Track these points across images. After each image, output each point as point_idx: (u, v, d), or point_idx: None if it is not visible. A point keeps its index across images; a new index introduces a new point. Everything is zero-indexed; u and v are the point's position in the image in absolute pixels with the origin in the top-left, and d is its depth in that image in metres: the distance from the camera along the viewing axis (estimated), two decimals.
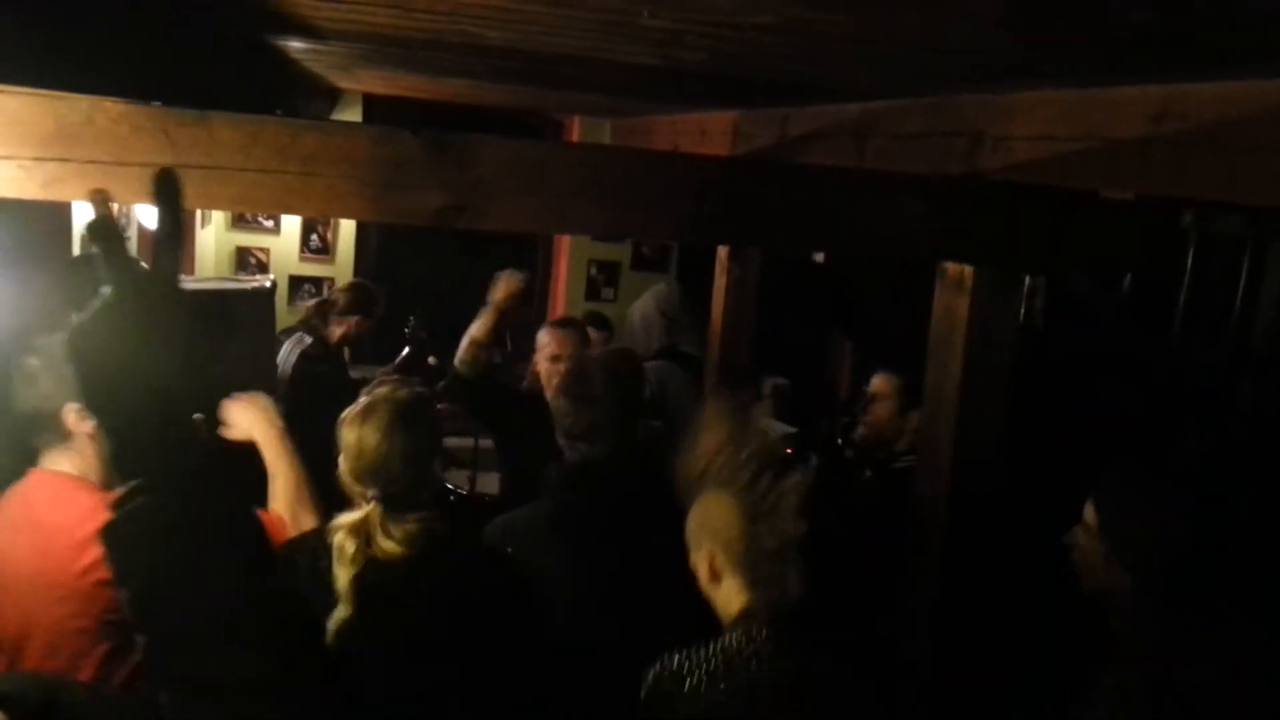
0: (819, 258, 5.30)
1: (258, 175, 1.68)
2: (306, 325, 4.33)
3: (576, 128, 6.00)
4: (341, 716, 1.46)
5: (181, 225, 0.97)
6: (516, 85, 3.69)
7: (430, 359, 4.93)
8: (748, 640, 1.65)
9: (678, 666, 1.67)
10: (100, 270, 0.90)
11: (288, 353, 4.16)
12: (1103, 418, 3.49)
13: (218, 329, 4.12)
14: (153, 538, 0.93)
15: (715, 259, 3.36)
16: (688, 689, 1.65)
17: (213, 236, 5.58)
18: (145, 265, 0.99)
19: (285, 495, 2.14)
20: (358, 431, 1.92)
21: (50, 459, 2.02)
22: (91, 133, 1.62)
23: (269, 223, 5.74)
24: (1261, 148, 1.57)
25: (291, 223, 5.79)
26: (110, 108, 1.63)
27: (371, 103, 5.67)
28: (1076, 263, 2.60)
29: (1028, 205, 2.06)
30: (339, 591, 1.82)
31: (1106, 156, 1.88)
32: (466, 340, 3.13)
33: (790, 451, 4.24)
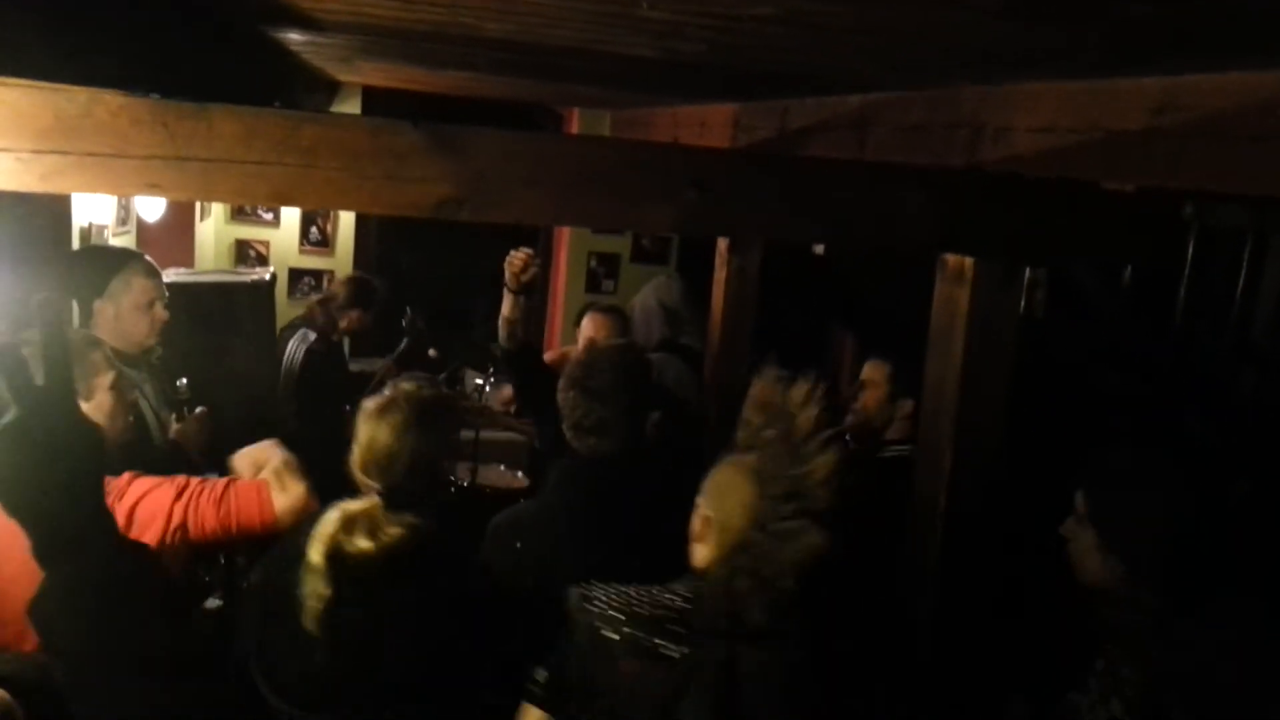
0: (819, 250, 5.29)
1: (257, 167, 1.68)
2: (310, 321, 4.32)
3: (576, 120, 5.98)
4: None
5: (68, 349, 0.99)
6: (516, 77, 3.68)
7: (430, 351, 4.93)
8: (679, 605, 1.66)
9: (609, 596, 1.70)
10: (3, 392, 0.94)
11: (294, 349, 4.17)
12: (1104, 410, 3.49)
13: (218, 322, 4.13)
14: (78, 613, 0.99)
15: (715, 251, 3.36)
16: (600, 611, 1.67)
17: (212, 229, 5.58)
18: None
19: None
20: (373, 426, 1.93)
21: None
22: (90, 125, 1.61)
23: (268, 215, 5.74)
24: (1263, 138, 1.57)
25: (291, 215, 5.78)
26: (109, 100, 1.62)
27: (371, 95, 5.66)
28: (1077, 254, 2.60)
29: (1028, 197, 2.05)
30: (312, 567, 1.75)
31: (1107, 148, 1.87)
32: (500, 321, 3.24)
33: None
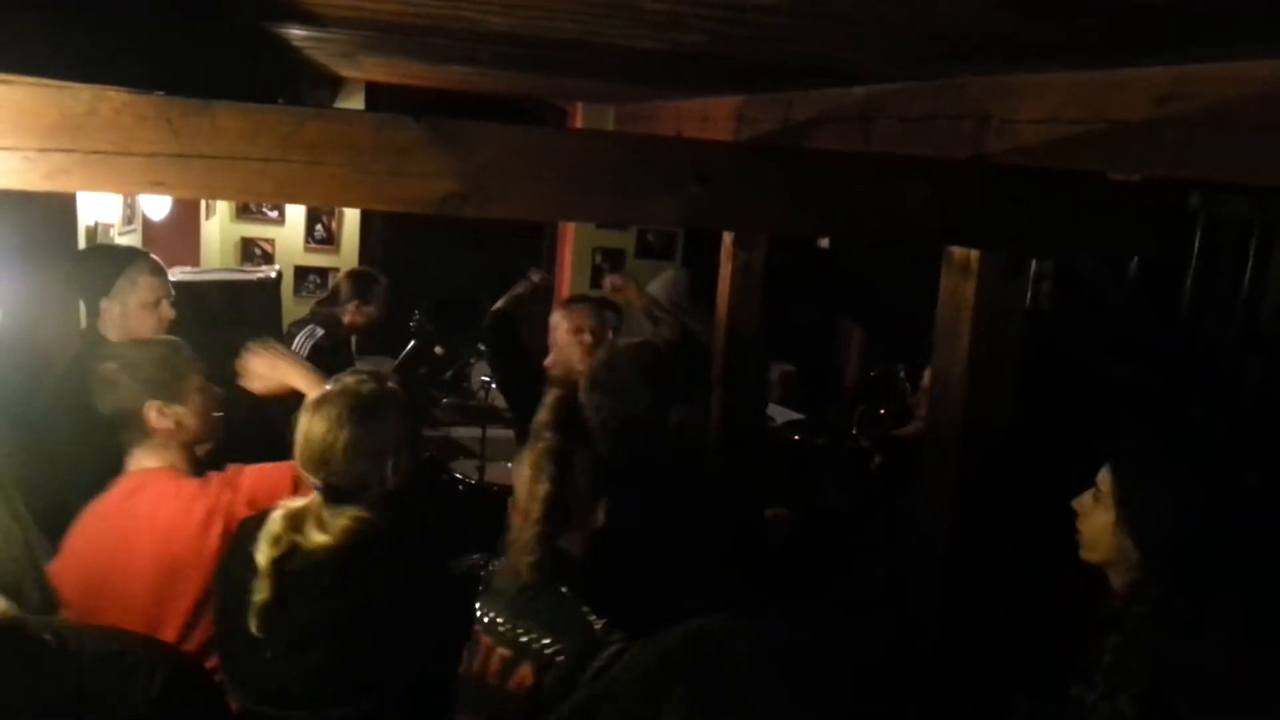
0: (824, 243, 5.28)
1: (261, 164, 1.68)
2: (317, 317, 4.34)
3: (580, 114, 5.98)
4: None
5: None
6: (519, 71, 3.68)
7: (437, 349, 4.97)
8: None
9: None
10: None
11: (300, 345, 4.18)
12: (1110, 401, 3.49)
13: (224, 320, 4.15)
14: None
15: (720, 246, 3.35)
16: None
17: (217, 227, 5.59)
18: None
19: None
20: (308, 420, 1.93)
21: (137, 458, 2.12)
22: (95, 123, 1.62)
23: (273, 213, 5.74)
24: (1269, 128, 1.56)
25: (296, 213, 5.79)
26: (114, 97, 1.62)
27: (374, 91, 5.66)
28: (1083, 245, 2.59)
29: (1034, 188, 2.05)
30: (259, 571, 1.85)
31: (1113, 138, 1.87)
32: (491, 310, 3.37)
33: (797, 438, 4.26)
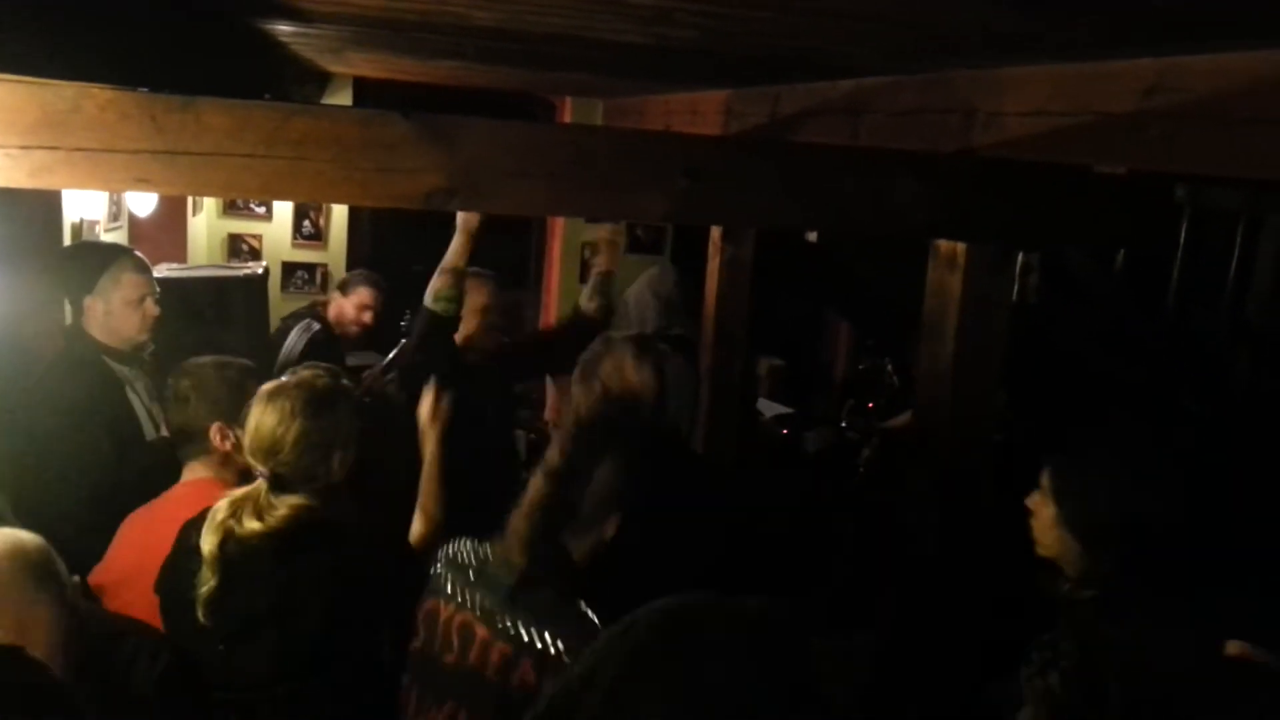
0: (812, 236, 5.29)
1: (247, 160, 1.67)
2: (314, 311, 4.35)
3: (568, 108, 5.96)
4: None
5: None
6: (506, 66, 3.66)
7: None
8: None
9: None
10: None
11: (296, 337, 4.17)
12: (1099, 393, 3.50)
13: (211, 317, 4.12)
14: None
15: (709, 240, 3.35)
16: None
17: (204, 224, 5.55)
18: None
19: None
20: (259, 411, 1.94)
21: (192, 469, 2.27)
22: (79, 120, 1.61)
23: (261, 209, 5.71)
24: (1256, 120, 1.56)
25: (283, 209, 5.75)
26: (97, 94, 1.61)
27: (362, 86, 5.63)
28: (1070, 238, 2.60)
29: (1021, 181, 2.05)
30: (204, 560, 1.88)
31: (1099, 131, 1.87)
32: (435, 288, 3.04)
33: (785, 432, 4.26)
